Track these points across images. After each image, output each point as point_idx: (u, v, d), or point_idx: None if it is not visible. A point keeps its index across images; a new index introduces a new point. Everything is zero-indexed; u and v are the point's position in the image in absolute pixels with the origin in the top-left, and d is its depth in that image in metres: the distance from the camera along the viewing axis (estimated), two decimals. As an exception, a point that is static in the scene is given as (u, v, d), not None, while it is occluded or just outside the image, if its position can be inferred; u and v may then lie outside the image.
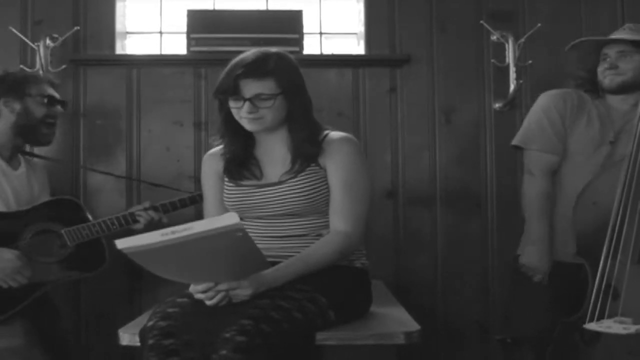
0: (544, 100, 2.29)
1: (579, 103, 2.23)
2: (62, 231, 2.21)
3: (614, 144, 2.16)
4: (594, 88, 2.28)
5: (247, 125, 1.80)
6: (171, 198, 2.37)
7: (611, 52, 2.21)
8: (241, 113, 1.77)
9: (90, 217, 2.30)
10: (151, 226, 2.26)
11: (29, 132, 2.27)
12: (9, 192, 2.22)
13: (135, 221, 2.29)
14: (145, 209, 2.29)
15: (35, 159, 2.47)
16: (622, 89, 2.20)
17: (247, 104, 1.75)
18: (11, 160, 2.29)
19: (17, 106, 2.24)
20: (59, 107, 2.34)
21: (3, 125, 2.25)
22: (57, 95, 2.34)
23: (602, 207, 1.96)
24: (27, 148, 2.44)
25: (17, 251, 2.10)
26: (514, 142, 2.31)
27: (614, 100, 2.24)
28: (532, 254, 2.19)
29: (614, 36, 2.24)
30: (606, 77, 2.20)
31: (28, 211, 2.22)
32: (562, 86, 2.36)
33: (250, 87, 1.74)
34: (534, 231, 2.20)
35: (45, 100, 2.28)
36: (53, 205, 2.29)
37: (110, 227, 2.25)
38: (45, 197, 2.37)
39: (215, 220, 1.40)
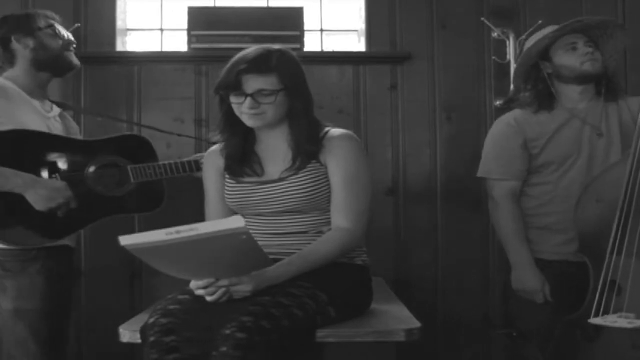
0: (497, 128, 2.32)
1: (534, 119, 2.24)
2: (128, 167, 2.19)
3: (601, 137, 2.19)
4: (545, 101, 2.26)
5: (248, 121, 1.80)
6: None
7: (580, 41, 2.21)
8: (242, 109, 1.77)
9: (158, 158, 2.28)
10: None
11: (51, 63, 2.21)
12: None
13: (199, 169, 2.25)
14: None
15: (66, 113, 2.43)
16: (598, 75, 2.21)
17: (248, 99, 1.75)
18: (43, 104, 2.25)
19: (30, 42, 2.18)
20: (70, 38, 2.29)
21: (22, 64, 2.19)
22: (61, 28, 2.28)
23: (604, 204, 1.96)
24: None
25: (62, 184, 2.06)
26: (478, 174, 2.36)
27: (571, 98, 2.24)
28: (520, 279, 2.20)
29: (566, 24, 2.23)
30: (584, 62, 2.19)
31: (98, 142, 2.22)
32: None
33: (252, 83, 1.74)
34: (513, 256, 2.23)
35: (56, 31, 2.23)
36: (124, 140, 2.28)
37: (174, 171, 2.23)
38: None
39: (220, 223, 1.40)
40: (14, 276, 2.06)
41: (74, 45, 2.30)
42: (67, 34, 2.28)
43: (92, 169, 2.15)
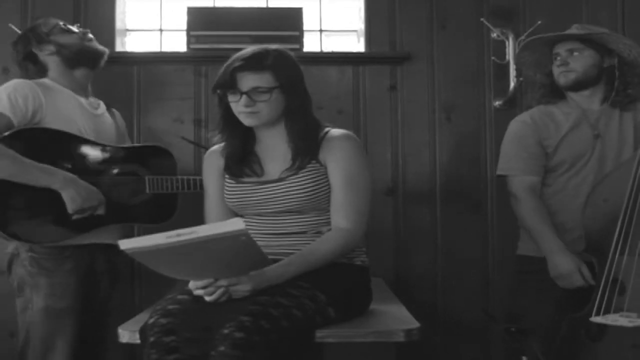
0: (513, 127, 2.34)
1: (550, 118, 2.27)
2: (146, 177, 2.20)
3: (600, 140, 2.21)
4: (555, 93, 2.31)
5: (245, 120, 1.80)
6: None
7: (561, 50, 2.25)
8: (238, 107, 1.78)
9: (177, 172, 2.28)
10: None
11: (80, 58, 2.25)
12: (88, 129, 2.18)
13: None
14: None
15: (114, 109, 2.44)
16: (577, 85, 2.24)
17: (244, 97, 1.75)
18: (89, 101, 2.27)
19: (51, 47, 2.22)
20: (81, 32, 2.29)
21: (55, 68, 2.23)
22: (70, 25, 2.30)
23: (612, 204, 1.98)
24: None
25: (97, 190, 2.08)
26: (498, 172, 2.37)
27: (580, 99, 2.27)
28: (554, 265, 2.14)
29: (562, 33, 2.26)
30: (559, 75, 2.25)
31: (122, 149, 2.23)
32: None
33: (247, 80, 1.75)
34: (542, 245, 2.18)
35: (66, 28, 2.25)
36: (147, 149, 2.29)
37: (191, 186, 2.23)
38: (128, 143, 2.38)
39: (220, 226, 1.41)
40: (49, 274, 2.08)
41: (90, 35, 2.31)
42: (76, 28, 2.29)
43: (109, 175, 2.16)
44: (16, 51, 2.27)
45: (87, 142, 2.15)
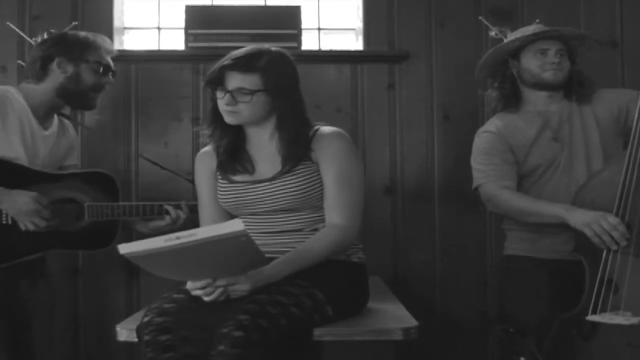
0: (481, 139, 2.32)
1: (514, 127, 2.25)
2: (85, 204, 2.14)
3: (563, 143, 2.21)
4: (514, 100, 2.30)
5: (226, 118, 1.82)
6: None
7: (553, 48, 2.23)
8: (221, 104, 1.80)
9: (120, 198, 2.22)
10: (174, 224, 2.17)
11: (74, 96, 2.17)
12: (33, 151, 2.12)
13: (161, 212, 2.19)
14: (176, 207, 2.19)
15: (67, 121, 2.36)
16: (561, 85, 2.24)
17: (227, 95, 1.77)
18: (44, 121, 2.19)
19: (70, 69, 2.14)
20: (110, 76, 2.24)
21: (48, 85, 2.14)
22: (112, 64, 2.24)
23: (599, 205, 1.98)
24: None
25: (34, 193, 2.02)
26: (474, 184, 2.31)
27: (541, 100, 2.27)
28: (577, 219, 1.99)
29: (547, 29, 2.27)
30: (547, 71, 2.22)
31: (63, 176, 2.18)
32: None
33: (234, 80, 1.76)
34: (551, 210, 2.07)
35: (101, 69, 2.18)
36: (88, 176, 2.22)
37: (133, 213, 2.18)
38: (73, 160, 2.34)
39: (219, 227, 1.41)
40: None
41: (111, 80, 2.25)
42: (109, 75, 2.23)
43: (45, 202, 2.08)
44: (45, 42, 2.20)
45: (25, 169, 2.08)
